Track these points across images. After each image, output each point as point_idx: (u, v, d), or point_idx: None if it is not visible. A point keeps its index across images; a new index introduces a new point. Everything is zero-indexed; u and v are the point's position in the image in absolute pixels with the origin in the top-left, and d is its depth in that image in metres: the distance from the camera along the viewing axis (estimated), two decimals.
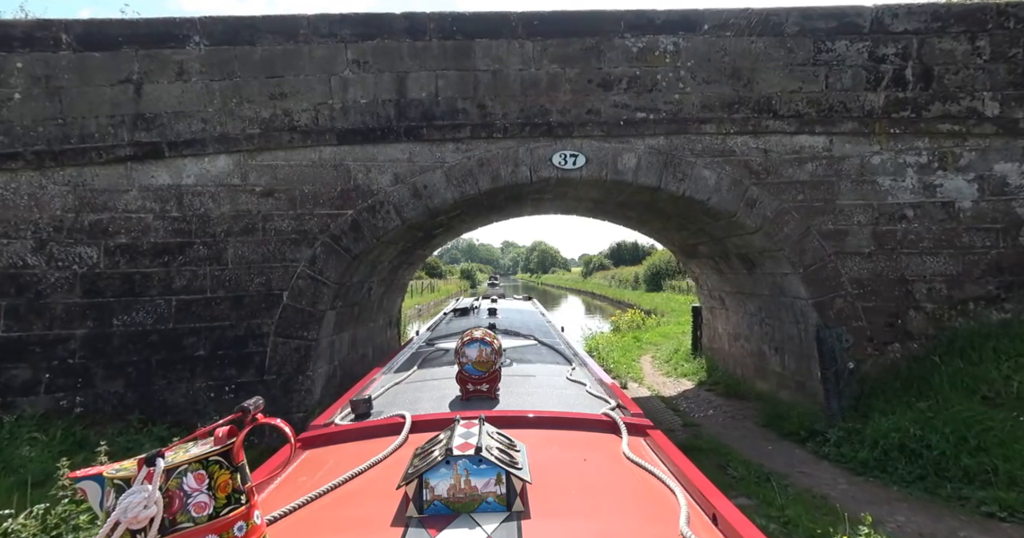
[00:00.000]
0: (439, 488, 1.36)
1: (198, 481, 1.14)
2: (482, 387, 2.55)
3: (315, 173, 7.05)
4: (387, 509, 1.42)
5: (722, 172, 7.27)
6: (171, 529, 1.11)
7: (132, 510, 1.06)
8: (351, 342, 8.54)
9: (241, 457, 1.22)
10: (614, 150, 7.34)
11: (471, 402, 2.50)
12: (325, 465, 1.91)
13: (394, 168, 7.20)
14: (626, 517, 1.49)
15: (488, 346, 2.55)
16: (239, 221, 6.87)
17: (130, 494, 1.08)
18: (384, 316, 10.72)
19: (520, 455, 1.51)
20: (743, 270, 8.93)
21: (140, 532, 1.08)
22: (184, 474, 1.14)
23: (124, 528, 1.07)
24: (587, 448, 2.02)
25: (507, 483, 1.38)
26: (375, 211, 7.18)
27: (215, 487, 1.16)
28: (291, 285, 6.93)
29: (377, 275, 8.95)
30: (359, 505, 1.55)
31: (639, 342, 16.40)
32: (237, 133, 6.81)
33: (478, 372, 2.55)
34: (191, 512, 1.13)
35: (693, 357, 12.28)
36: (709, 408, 9.08)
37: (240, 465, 1.22)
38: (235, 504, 1.18)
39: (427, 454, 1.47)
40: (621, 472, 1.80)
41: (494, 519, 1.33)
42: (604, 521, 1.44)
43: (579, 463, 1.85)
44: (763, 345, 8.97)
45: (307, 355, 6.86)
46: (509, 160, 7.33)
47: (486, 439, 1.48)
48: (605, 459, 1.91)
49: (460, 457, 1.38)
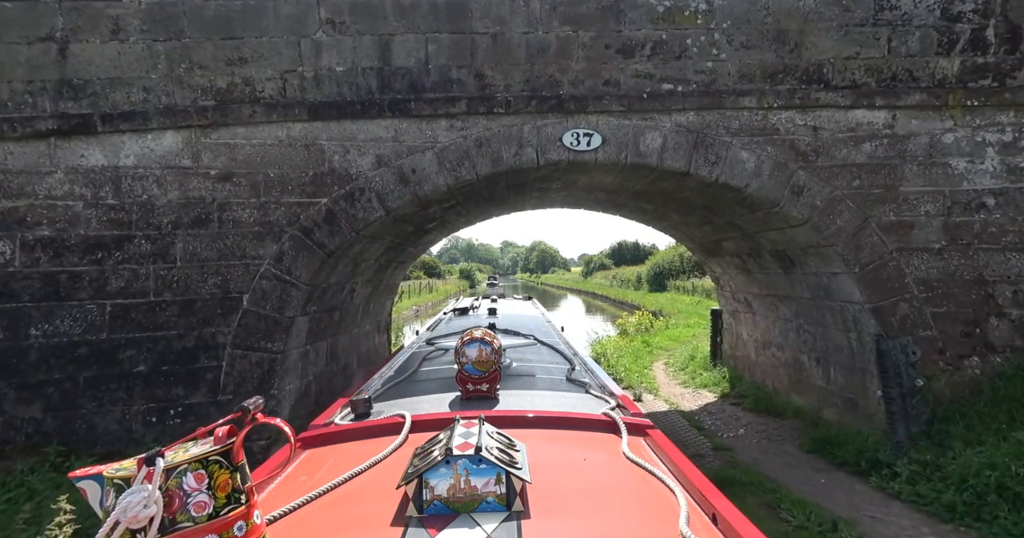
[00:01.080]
0: (439, 488, 1.36)
1: (198, 481, 1.15)
2: (482, 387, 2.56)
3: (282, 154, 5.94)
4: (387, 509, 1.43)
5: (763, 154, 6.17)
6: (171, 529, 1.11)
7: (132, 510, 1.07)
8: (330, 352, 7.43)
9: (241, 457, 1.22)
10: (635, 128, 6.24)
11: (471, 402, 2.51)
12: (325, 465, 1.92)
13: (376, 149, 6.10)
14: (626, 517, 1.50)
15: (488, 346, 2.56)
16: (190, 210, 5.76)
17: (130, 494, 1.09)
18: (371, 321, 9.61)
19: (520, 455, 1.52)
20: (778, 269, 7.83)
21: (140, 532, 1.09)
22: (184, 474, 1.14)
23: (124, 528, 1.07)
24: (587, 448, 2.03)
25: (507, 483, 1.38)
26: (354, 199, 6.08)
27: (215, 487, 1.16)
28: (253, 287, 5.82)
29: (361, 275, 7.84)
30: (359, 505, 1.55)
31: (649, 347, 15.30)
32: (187, 105, 5.70)
33: (478, 372, 2.55)
34: (191, 512, 1.13)
35: (712, 365, 11.18)
36: (738, 426, 7.97)
37: (240, 465, 1.21)
38: (235, 504, 1.18)
39: (427, 454, 1.47)
40: (621, 472, 1.81)
41: (494, 519, 1.34)
42: (604, 521, 1.44)
43: (579, 463, 1.87)
44: (800, 355, 7.87)
45: (271, 370, 5.75)
46: (512, 140, 6.23)
47: (486, 439, 1.48)
48: (605, 459, 1.93)
49: (460, 457, 1.38)
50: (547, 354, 3.89)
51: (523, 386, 2.88)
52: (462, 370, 2.55)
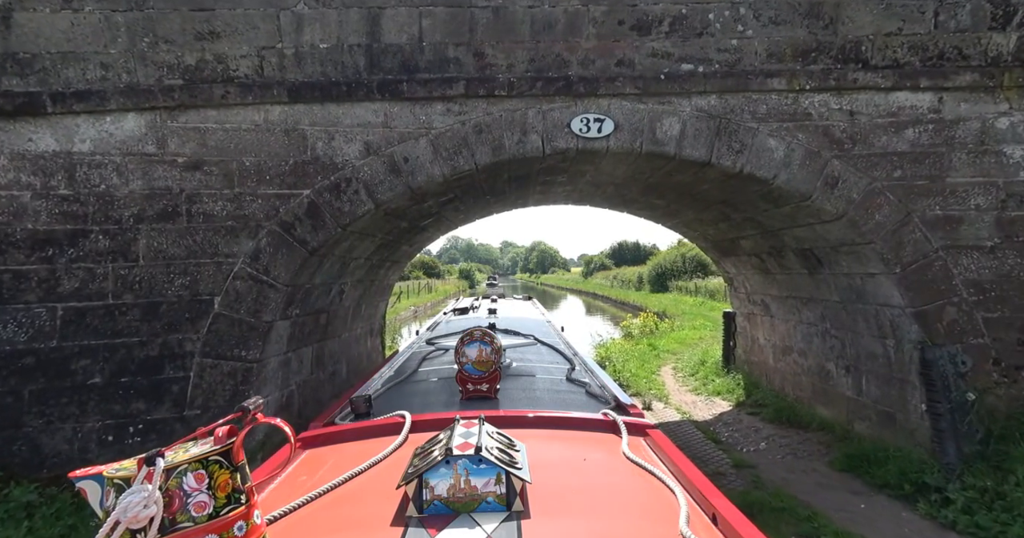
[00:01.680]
0: (439, 488, 1.36)
1: (198, 481, 1.15)
2: (482, 387, 2.58)
3: (259, 140, 5.33)
4: (387, 509, 1.43)
5: (793, 141, 5.56)
6: (171, 529, 1.11)
7: (132, 510, 1.07)
8: (315, 359, 6.82)
9: (241, 457, 1.21)
10: (652, 113, 5.63)
11: (471, 402, 2.54)
12: (325, 465, 1.92)
13: (365, 135, 5.49)
14: (626, 517, 1.49)
15: (488, 346, 2.58)
16: (155, 203, 5.14)
17: (130, 494, 1.08)
18: (363, 324, 9.00)
19: (520, 455, 1.51)
20: (802, 270, 7.22)
21: (140, 532, 1.08)
22: (184, 474, 1.14)
23: (124, 528, 1.07)
24: (587, 448, 2.03)
25: (507, 483, 1.37)
26: (340, 191, 5.48)
27: (215, 487, 1.16)
28: (225, 288, 5.21)
29: (350, 275, 7.23)
30: (359, 505, 1.55)
31: (655, 350, 14.69)
32: (151, 84, 5.09)
33: (478, 372, 2.58)
34: (191, 512, 1.13)
35: (725, 371, 10.57)
36: (759, 440, 7.36)
37: (240, 465, 1.21)
38: (235, 504, 1.18)
39: (427, 454, 1.47)
40: (621, 472, 1.80)
41: (494, 519, 1.33)
42: (604, 521, 1.44)
43: (579, 463, 1.86)
44: (826, 362, 7.27)
45: (246, 381, 5.14)
46: (515, 126, 5.62)
47: (486, 439, 1.47)
48: (605, 459, 1.92)
49: (460, 457, 1.38)
50: (547, 354, 3.88)
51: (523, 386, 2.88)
52: (462, 370, 2.57)
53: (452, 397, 2.64)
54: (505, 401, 2.56)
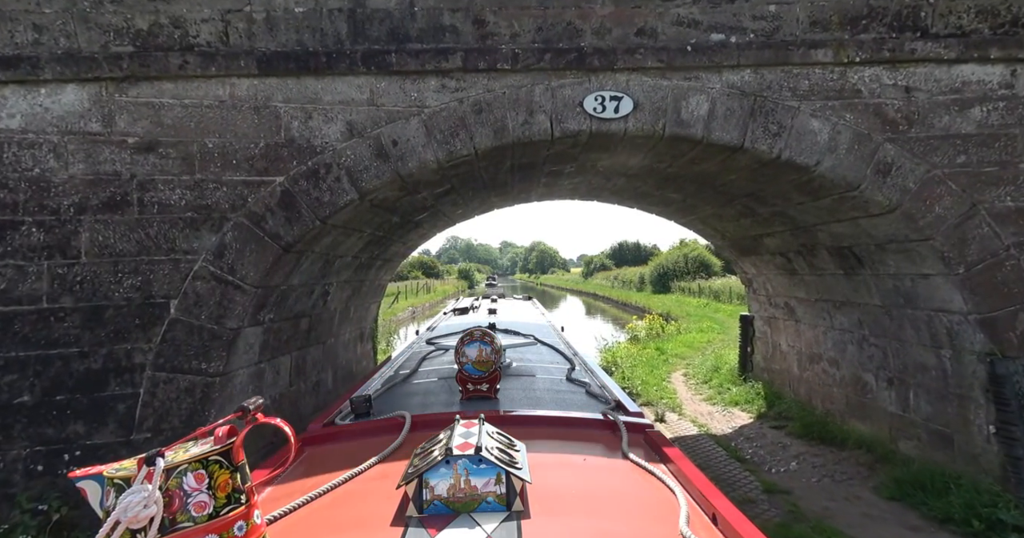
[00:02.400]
0: (439, 488, 1.37)
1: (198, 481, 1.15)
2: (482, 387, 2.59)
3: (224, 118, 4.61)
4: (387, 509, 1.44)
5: (839, 123, 4.84)
6: (171, 528, 1.11)
7: (132, 509, 1.07)
8: (295, 368, 6.09)
9: (241, 457, 1.20)
10: (676, 90, 4.92)
11: (471, 402, 2.55)
12: (325, 465, 1.91)
13: (347, 114, 4.78)
14: (626, 517, 1.49)
15: (488, 346, 2.58)
16: (100, 190, 4.41)
17: (130, 493, 1.09)
18: (352, 328, 8.26)
19: (520, 455, 1.52)
20: (836, 270, 6.51)
21: (140, 531, 1.09)
22: (184, 474, 1.14)
23: (124, 527, 1.07)
24: (587, 448, 2.03)
25: (507, 483, 1.38)
26: (318, 178, 4.75)
27: (215, 487, 1.16)
28: (184, 290, 4.49)
29: (335, 275, 6.51)
30: (359, 505, 1.56)
31: (663, 354, 13.96)
32: (95, 51, 4.36)
33: (478, 372, 2.58)
34: (191, 511, 1.13)
35: (742, 379, 9.85)
36: (788, 458, 6.63)
37: (240, 465, 1.20)
38: (235, 504, 1.17)
39: (427, 454, 1.48)
40: (621, 472, 1.80)
41: (494, 519, 1.34)
42: (604, 521, 1.44)
43: (579, 463, 1.87)
44: (863, 373, 6.54)
45: (206, 398, 4.41)
46: (520, 105, 4.91)
47: (486, 439, 1.47)
48: (605, 459, 1.94)
49: (460, 457, 1.38)
50: (547, 354, 3.87)
51: (523, 386, 2.89)
52: (462, 370, 2.58)
53: (452, 397, 2.65)
54: (505, 401, 2.57)
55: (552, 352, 3.94)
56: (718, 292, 31.70)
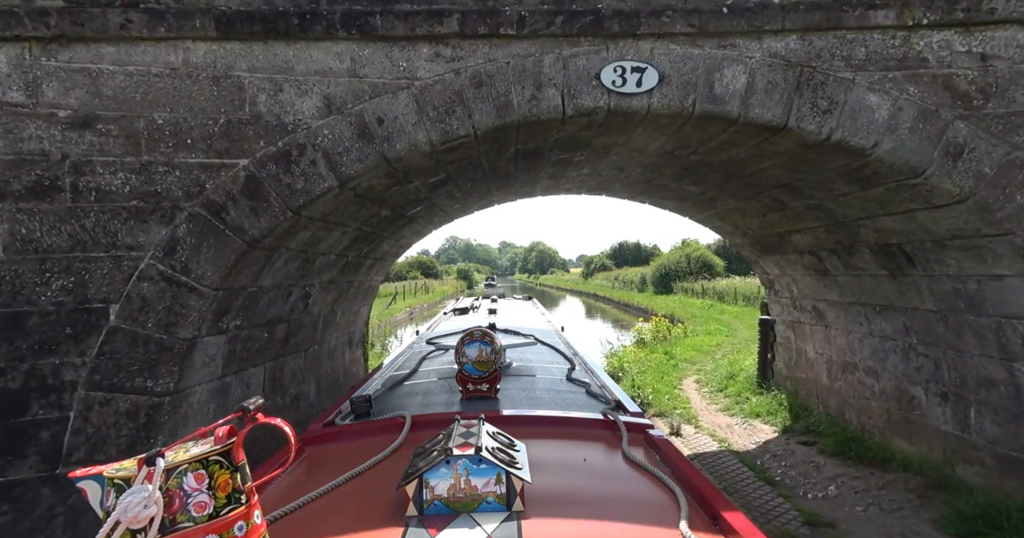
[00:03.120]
0: (439, 488, 1.37)
1: (198, 481, 1.13)
2: (482, 387, 2.59)
3: (177, 90, 3.89)
4: (387, 509, 1.45)
5: (901, 97, 4.13)
6: (171, 529, 1.10)
7: (132, 510, 1.06)
8: (271, 381, 5.36)
9: (241, 457, 1.19)
10: (709, 60, 4.21)
11: (471, 402, 2.56)
12: (325, 465, 1.93)
13: (324, 86, 4.06)
14: (626, 517, 1.47)
15: (488, 346, 2.59)
16: (23, 173, 3.69)
17: (130, 494, 1.07)
18: (339, 334, 7.54)
19: (520, 455, 1.52)
20: (879, 270, 5.80)
21: (140, 532, 1.07)
22: (184, 474, 1.13)
23: (124, 528, 1.06)
24: (587, 448, 2.03)
25: (507, 483, 1.38)
26: (290, 161, 4.04)
27: (215, 487, 1.14)
28: (126, 293, 3.77)
29: (318, 275, 5.79)
30: (359, 505, 1.56)
31: (672, 359, 13.24)
32: (15, 5, 3.63)
33: (478, 372, 2.59)
34: (191, 512, 1.12)
35: (761, 388, 9.13)
36: (824, 481, 5.91)
37: (240, 465, 1.19)
38: (235, 504, 1.16)
39: (427, 454, 1.48)
40: (621, 472, 1.80)
41: (494, 519, 1.34)
42: (604, 521, 1.43)
43: (579, 463, 1.87)
44: (910, 386, 5.83)
45: (152, 422, 3.68)
46: (527, 77, 4.20)
47: (486, 439, 1.47)
48: (605, 459, 1.94)
49: (460, 457, 1.38)
50: (547, 354, 3.87)
51: (523, 386, 2.92)
52: (462, 370, 2.61)
53: (452, 397, 2.67)
54: (505, 401, 2.57)
55: (552, 352, 3.93)
56: (722, 293, 31.03)
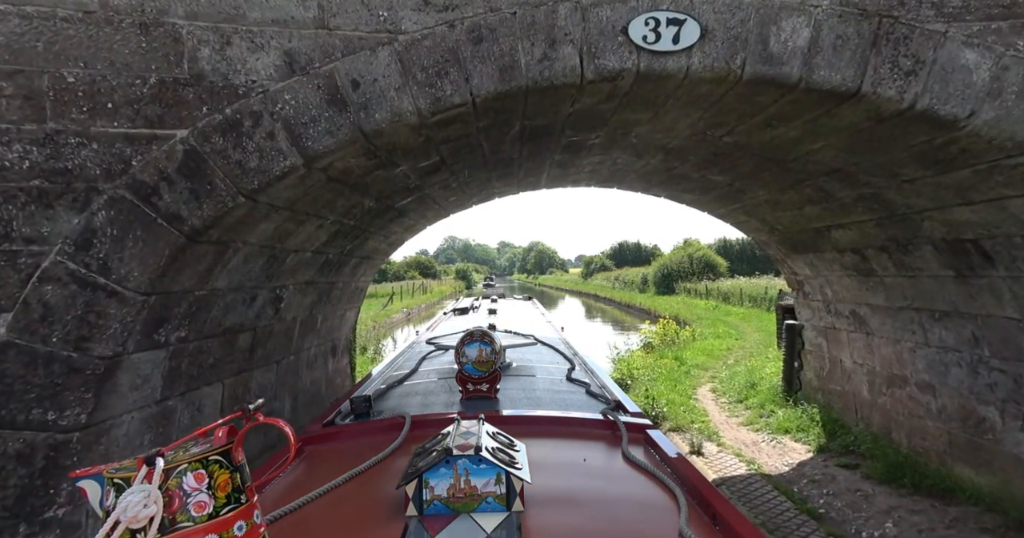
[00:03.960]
0: (439, 488, 1.37)
1: (198, 480, 1.13)
2: (482, 387, 2.60)
3: (93, 39, 3.05)
4: (387, 509, 1.46)
5: (1007, 54, 3.31)
6: (171, 528, 1.10)
7: (132, 509, 1.06)
8: (233, 400, 4.51)
9: (241, 456, 1.19)
10: (764, 10, 3.39)
11: (471, 402, 2.55)
12: (325, 465, 1.92)
13: (285, 39, 3.24)
14: (626, 517, 1.49)
15: (488, 346, 2.59)
16: None
17: (130, 493, 1.07)
18: (320, 341, 6.70)
19: (520, 455, 1.51)
20: (942, 270, 4.98)
21: (140, 531, 1.07)
22: (184, 473, 1.13)
23: (124, 527, 1.06)
24: (587, 448, 2.03)
25: (507, 483, 1.38)
26: (241, 133, 3.21)
27: (215, 486, 1.15)
28: (24, 298, 2.93)
29: (290, 275, 4.95)
30: (359, 505, 1.57)
31: (683, 365, 12.42)
32: None
33: (478, 372, 2.60)
34: (191, 511, 1.12)
35: (788, 399, 8.31)
36: (877, 515, 5.10)
37: (240, 464, 1.19)
38: (235, 504, 1.16)
39: (427, 454, 1.47)
40: (621, 472, 1.80)
41: (494, 519, 1.34)
42: (604, 521, 1.44)
43: (579, 463, 1.88)
44: (979, 406, 5.01)
45: (55, 464, 2.85)
46: (537, 31, 3.38)
47: (486, 439, 1.47)
48: (605, 459, 1.94)
49: (460, 457, 1.38)
50: (547, 354, 3.93)
51: (523, 386, 2.91)
52: (462, 370, 2.62)
53: (452, 397, 2.68)
54: (505, 401, 2.58)
55: (552, 352, 3.96)
56: (727, 294, 30.28)
